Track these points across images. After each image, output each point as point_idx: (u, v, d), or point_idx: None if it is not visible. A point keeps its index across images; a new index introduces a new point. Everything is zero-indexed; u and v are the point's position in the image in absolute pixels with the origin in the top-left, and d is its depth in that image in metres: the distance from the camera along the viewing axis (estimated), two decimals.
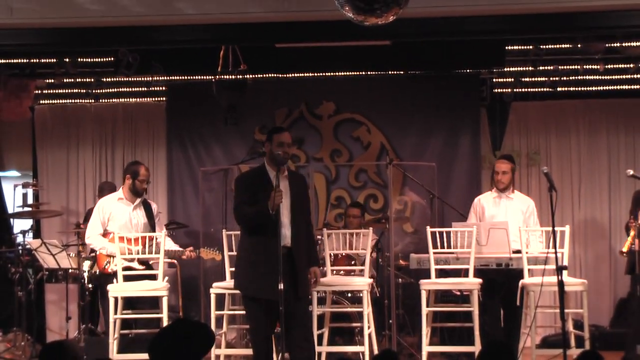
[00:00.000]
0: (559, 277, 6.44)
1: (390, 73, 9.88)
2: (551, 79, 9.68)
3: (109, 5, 7.32)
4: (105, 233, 7.75)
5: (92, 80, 9.91)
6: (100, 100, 10.27)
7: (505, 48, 9.14)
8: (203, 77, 9.52)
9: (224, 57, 8.69)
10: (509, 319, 7.82)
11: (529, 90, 9.80)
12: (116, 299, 7.28)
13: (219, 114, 9.49)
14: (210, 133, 10.06)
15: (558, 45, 9.21)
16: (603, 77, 9.64)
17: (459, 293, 8.26)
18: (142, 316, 7.45)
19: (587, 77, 9.65)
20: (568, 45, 9.19)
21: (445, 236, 7.47)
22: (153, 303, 7.41)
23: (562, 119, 10.02)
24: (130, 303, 7.49)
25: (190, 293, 9.01)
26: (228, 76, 8.73)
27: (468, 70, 9.84)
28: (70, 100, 10.30)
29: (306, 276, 6.47)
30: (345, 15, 5.98)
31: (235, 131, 9.83)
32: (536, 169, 9.86)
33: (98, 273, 8.09)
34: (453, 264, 7.58)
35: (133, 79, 9.81)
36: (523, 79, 9.68)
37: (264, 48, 9.10)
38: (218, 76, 8.74)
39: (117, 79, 9.85)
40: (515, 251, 7.53)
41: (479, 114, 9.94)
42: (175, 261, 8.22)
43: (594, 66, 9.43)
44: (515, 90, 9.73)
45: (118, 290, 7.32)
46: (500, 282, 7.76)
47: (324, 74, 9.81)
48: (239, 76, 8.74)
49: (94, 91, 10.11)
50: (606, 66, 9.43)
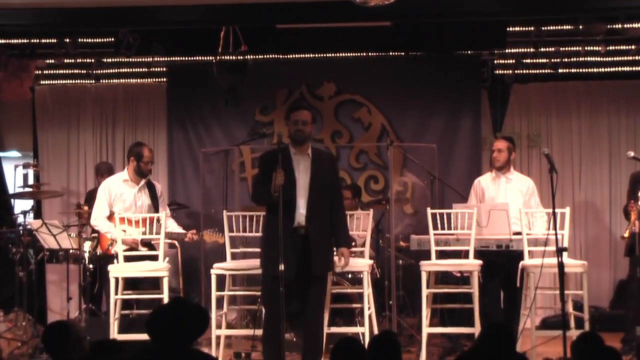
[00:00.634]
0: (559, 259, 6.46)
1: (391, 54, 9.87)
2: (552, 60, 9.64)
3: None
4: (111, 214, 7.76)
5: (93, 60, 9.87)
6: (101, 81, 10.23)
7: (506, 29, 9.07)
8: (203, 58, 9.48)
9: (224, 38, 8.65)
10: (509, 300, 7.83)
11: (530, 71, 9.77)
12: (117, 279, 7.30)
13: (219, 95, 9.45)
14: (211, 114, 10.04)
15: (559, 27, 9.15)
16: (604, 59, 9.58)
17: (459, 274, 8.28)
18: (143, 297, 7.48)
19: (589, 59, 9.59)
20: (569, 27, 9.12)
21: (446, 217, 7.46)
22: (155, 284, 7.44)
23: (563, 101, 10.00)
24: (134, 283, 7.52)
25: (191, 274, 9.03)
26: (228, 57, 8.70)
27: (469, 52, 9.82)
28: (71, 81, 10.26)
29: (325, 256, 6.46)
30: None
31: (235, 112, 9.79)
32: (537, 151, 9.85)
33: (100, 254, 8.13)
34: (453, 246, 7.59)
35: (133, 59, 9.77)
36: (524, 61, 9.64)
37: (265, 29, 9.06)
38: (219, 57, 8.70)
39: (118, 60, 9.83)
40: (515, 233, 7.54)
41: (479, 96, 9.92)
42: (175, 242, 8.24)
43: (595, 48, 9.36)
44: (516, 71, 9.71)
45: (118, 270, 7.35)
46: (501, 264, 7.77)
47: (325, 55, 9.77)
48: (239, 57, 8.70)
49: (94, 72, 10.07)
50: (607, 48, 9.36)
